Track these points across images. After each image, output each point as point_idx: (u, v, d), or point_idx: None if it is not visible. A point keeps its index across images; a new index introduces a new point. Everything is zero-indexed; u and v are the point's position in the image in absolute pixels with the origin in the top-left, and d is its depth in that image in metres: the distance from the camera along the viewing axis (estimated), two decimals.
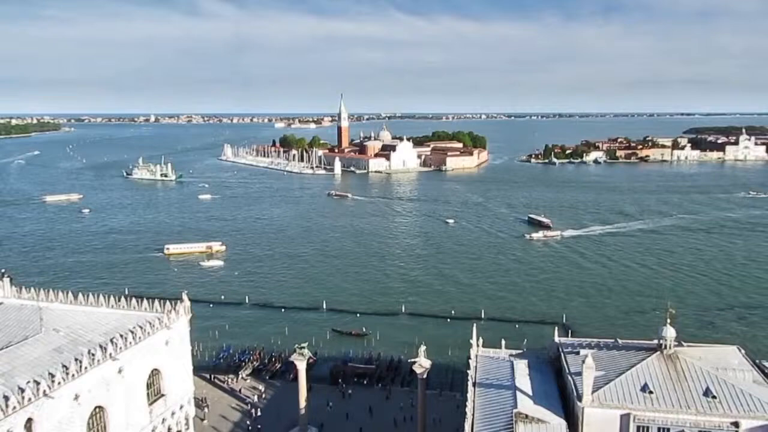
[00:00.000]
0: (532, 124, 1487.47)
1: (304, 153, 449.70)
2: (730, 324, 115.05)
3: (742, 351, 61.34)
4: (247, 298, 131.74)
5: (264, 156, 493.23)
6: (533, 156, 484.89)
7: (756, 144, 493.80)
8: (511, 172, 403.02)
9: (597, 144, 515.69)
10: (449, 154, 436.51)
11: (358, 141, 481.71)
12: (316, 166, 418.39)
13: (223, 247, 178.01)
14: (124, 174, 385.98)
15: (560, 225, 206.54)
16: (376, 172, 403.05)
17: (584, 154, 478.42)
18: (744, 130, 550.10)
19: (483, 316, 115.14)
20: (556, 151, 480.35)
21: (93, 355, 56.14)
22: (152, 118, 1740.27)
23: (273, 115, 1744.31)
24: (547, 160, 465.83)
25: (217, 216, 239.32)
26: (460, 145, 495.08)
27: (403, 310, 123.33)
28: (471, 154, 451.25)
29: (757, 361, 62.87)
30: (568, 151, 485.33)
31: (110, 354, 57.63)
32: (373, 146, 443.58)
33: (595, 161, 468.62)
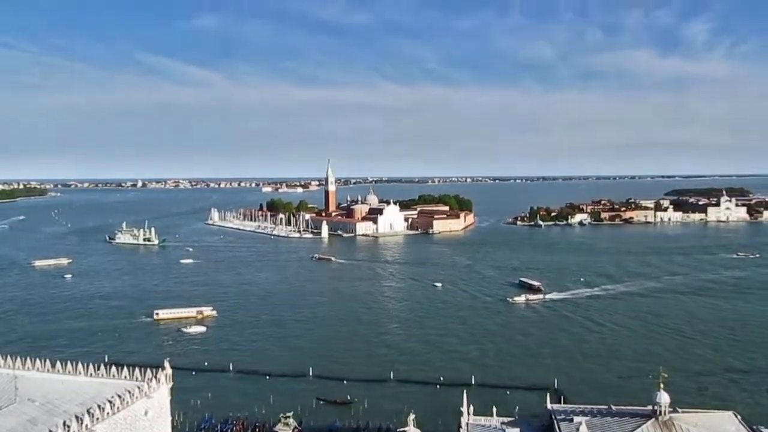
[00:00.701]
0: (516, 186, 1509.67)
1: (291, 217, 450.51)
2: (724, 388, 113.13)
3: (739, 416, 60.18)
4: (231, 365, 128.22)
5: (251, 220, 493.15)
6: (519, 218, 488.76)
7: (737, 205, 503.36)
8: (498, 235, 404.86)
9: (581, 206, 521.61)
10: (436, 217, 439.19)
11: (345, 205, 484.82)
12: (303, 230, 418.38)
13: (214, 312, 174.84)
14: (107, 239, 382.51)
15: (546, 288, 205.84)
16: (363, 235, 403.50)
17: (569, 217, 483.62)
18: (724, 192, 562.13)
19: (473, 382, 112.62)
20: (541, 213, 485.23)
21: (68, 426, 53.66)
22: (139, 183, 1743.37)
23: (260, 179, 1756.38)
24: (532, 223, 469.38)
25: (199, 281, 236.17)
26: (447, 208, 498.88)
27: (392, 377, 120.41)
28: (458, 216, 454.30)
29: (754, 426, 61.61)
30: (553, 214, 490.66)
31: (86, 425, 55.07)
32: (360, 210, 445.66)
33: (580, 223, 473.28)
